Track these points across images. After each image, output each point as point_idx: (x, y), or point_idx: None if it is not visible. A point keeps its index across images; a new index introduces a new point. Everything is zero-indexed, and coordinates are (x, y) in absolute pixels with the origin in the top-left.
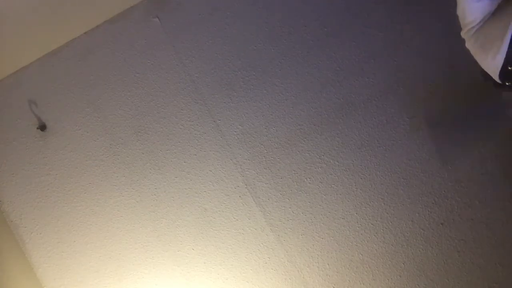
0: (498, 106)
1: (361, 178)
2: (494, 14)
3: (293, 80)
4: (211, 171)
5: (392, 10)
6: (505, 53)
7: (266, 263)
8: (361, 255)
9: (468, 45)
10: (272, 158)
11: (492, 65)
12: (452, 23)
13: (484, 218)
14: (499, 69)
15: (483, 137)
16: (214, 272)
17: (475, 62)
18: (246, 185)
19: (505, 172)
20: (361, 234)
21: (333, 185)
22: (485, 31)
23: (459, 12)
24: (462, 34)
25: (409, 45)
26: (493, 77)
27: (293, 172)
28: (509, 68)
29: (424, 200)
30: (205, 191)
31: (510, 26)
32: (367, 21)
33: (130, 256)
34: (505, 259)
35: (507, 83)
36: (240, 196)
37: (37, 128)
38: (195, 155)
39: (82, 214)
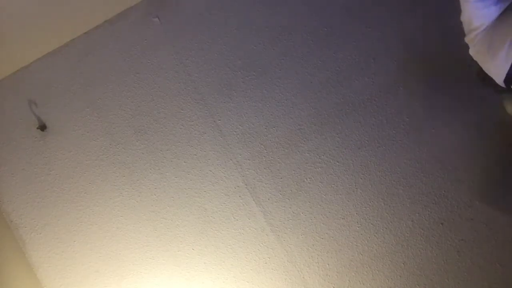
0: (497, 105)
1: (361, 178)
2: (500, 20)
3: (293, 80)
4: (211, 171)
5: (392, 10)
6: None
7: (266, 263)
8: (361, 255)
9: (472, 51)
10: (272, 158)
11: (498, 69)
12: (452, 24)
13: (484, 218)
14: (505, 74)
15: (483, 136)
16: (214, 272)
17: (475, 66)
18: (246, 185)
19: (506, 172)
20: (361, 234)
21: (333, 185)
22: (491, 37)
23: (464, 18)
24: (466, 40)
25: (409, 45)
26: (497, 81)
27: (293, 172)
28: None
29: (424, 200)
30: (205, 191)
31: None
32: (367, 21)
33: (130, 256)
34: (505, 259)
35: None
36: (240, 196)
37: (37, 128)
38: (195, 155)
39: (82, 214)
